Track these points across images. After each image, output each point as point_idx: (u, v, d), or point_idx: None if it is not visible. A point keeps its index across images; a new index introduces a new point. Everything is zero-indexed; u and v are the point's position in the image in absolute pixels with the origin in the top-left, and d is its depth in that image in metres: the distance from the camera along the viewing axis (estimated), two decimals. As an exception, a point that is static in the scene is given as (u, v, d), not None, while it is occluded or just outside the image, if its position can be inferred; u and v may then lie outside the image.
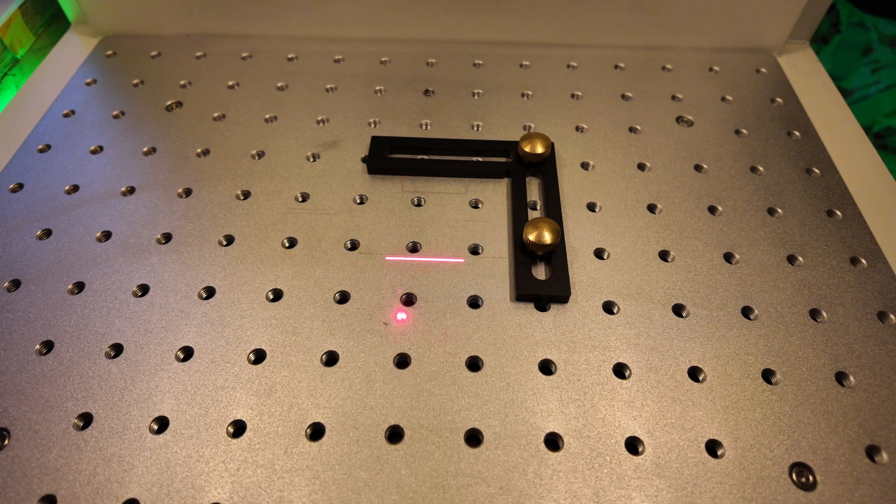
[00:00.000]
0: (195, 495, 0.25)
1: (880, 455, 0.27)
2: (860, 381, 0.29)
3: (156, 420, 0.27)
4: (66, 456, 0.26)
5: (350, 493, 0.25)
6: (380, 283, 0.33)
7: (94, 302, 0.32)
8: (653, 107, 0.44)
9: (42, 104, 0.44)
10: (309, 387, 0.29)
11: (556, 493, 0.25)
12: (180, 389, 0.28)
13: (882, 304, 0.32)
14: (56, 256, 0.34)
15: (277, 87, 0.45)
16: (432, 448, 0.27)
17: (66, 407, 0.28)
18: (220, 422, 0.27)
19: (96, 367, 0.29)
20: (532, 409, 0.28)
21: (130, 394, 0.28)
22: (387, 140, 0.40)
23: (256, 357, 0.30)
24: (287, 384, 0.29)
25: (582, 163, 0.40)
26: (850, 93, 0.63)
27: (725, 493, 0.25)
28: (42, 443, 0.27)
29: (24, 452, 0.26)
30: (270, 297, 0.32)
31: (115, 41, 0.49)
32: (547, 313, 0.32)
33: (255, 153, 0.40)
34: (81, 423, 0.27)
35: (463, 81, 0.46)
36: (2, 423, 0.27)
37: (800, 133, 0.42)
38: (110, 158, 0.40)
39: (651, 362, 0.30)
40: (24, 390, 0.28)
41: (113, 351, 0.30)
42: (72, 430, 0.27)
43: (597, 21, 0.47)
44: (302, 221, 0.36)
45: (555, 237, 0.32)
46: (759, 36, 0.48)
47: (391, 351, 0.30)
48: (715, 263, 0.34)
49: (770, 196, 0.38)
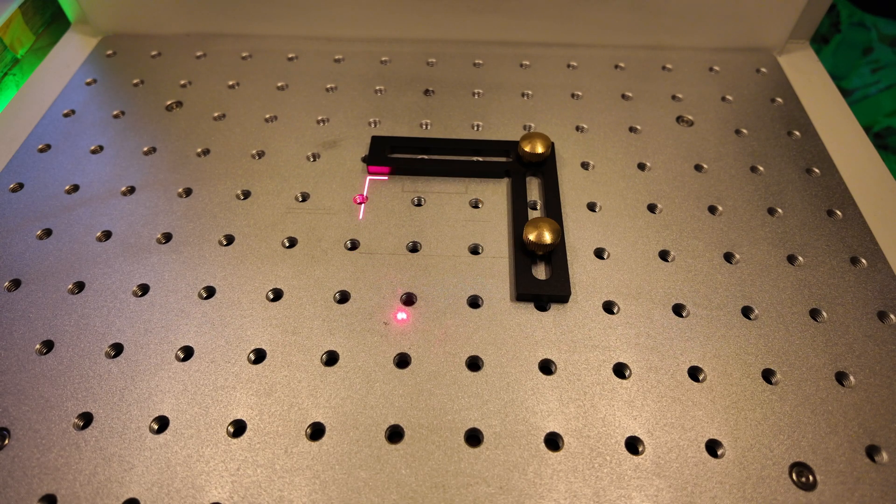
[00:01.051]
0: (195, 495, 0.25)
1: (880, 455, 0.27)
2: (860, 381, 0.29)
3: (156, 420, 0.27)
4: (67, 455, 0.26)
5: (350, 492, 0.25)
6: (380, 283, 0.33)
7: (94, 301, 0.32)
8: (653, 106, 0.44)
9: (42, 104, 0.44)
10: (309, 386, 0.29)
11: (556, 492, 0.25)
12: (180, 389, 0.28)
13: (882, 304, 0.32)
14: (56, 256, 0.34)
15: (278, 86, 0.45)
16: (432, 448, 0.27)
17: (66, 406, 0.28)
18: (220, 421, 0.27)
19: (96, 367, 0.29)
20: (532, 408, 0.28)
21: (131, 393, 0.28)
22: (387, 140, 0.40)
23: (256, 357, 0.30)
24: (287, 384, 0.29)
25: (582, 162, 0.40)
26: (850, 92, 0.63)
27: (725, 493, 0.25)
28: (42, 442, 0.27)
29: (25, 452, 0.26)
30: (270, 296, 0.32)
31: (116, 41, 0.49)
32: (547, 313, 0.32)
33: (256, 153, 0.40)
34: (82, 423, 0.27)
35: (463, 81, 0.46)
36: (2, 422, 0.27)
37: (800, 133, 0.42)
38: (110, 158, 0.40)
39: (651, 362, 0.30)
40: (25, 390, 0.28)
41: (113, 350, 0.30)
42: (72, 430, 0.27)
43: (597, 21, 0.47)
44: (302, 221, 0.36)
45: (555, 237, 0.32)
46: (760, 36, 0.48)
47: (391, 351, 0.30)
48: (715, 263, 0.34)
49: (770, 196, 0.38)
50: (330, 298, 0.32)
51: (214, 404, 0.28)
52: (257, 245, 0.34)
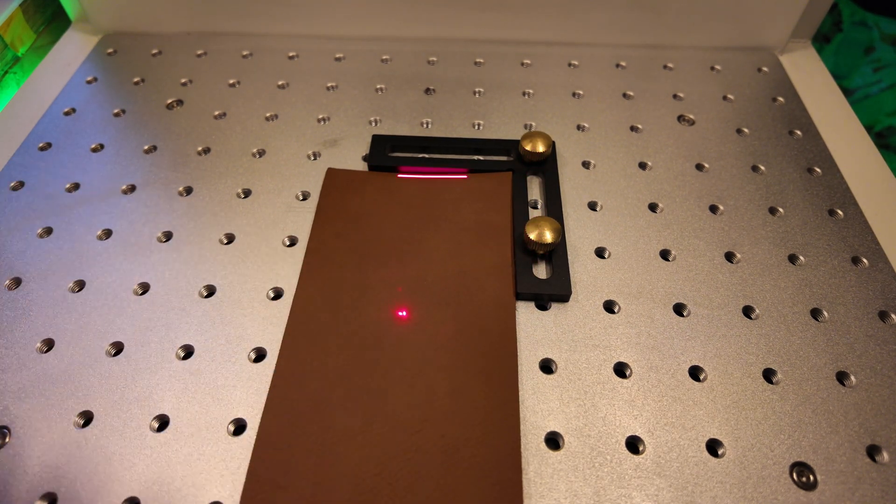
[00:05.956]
0: (196, 493, 0.25)
1: (881, 455, 0.27)
2: (861, 381, 0.29)
3: (156, 418, 0.27)
4: (67, 454, 0.26)
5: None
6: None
7: (94, 300, 0.32)
8: (654, 106, 0.44)
9: (43, 102, 0.44)
10: (309, 385, 0.29)
11: (556, 492, 0.25)
12: (181, 388, 0.28)
13: (883, 304, 0.32)
14: (57, 255, 0.34)
15: (278, 85, 0.45)
16: (433, 447, 0.27)
17: (66, 405, 0.28)
18: (220, 420, 0.27)
19: (97, 366, 0.29)
20: (532, 407, 0.28)
21: (131, 392, 0.28)
22: (388, 139, 0.40)
23: (257, 355, 0.30)
24: (288, 383, 0.29)
25: (583, 161, 0.40)
26: (851, 92, 0.63)
27: (726, 493, 0.25)
28: (43, 441, 0.27)
29: (25, 450, 0.26)
30: (271, 295, 0.32)
31: (116, 39, 0.49)
32: (548, 312, 0.32)
33: (256, 151, 0.40)
34: (82, 422, 0.27)
35: (464, 80, 0.46)
36: (3, 421, 0.27)
37: (801, 132, 0.42)
38: (111, 156, 0.40)
39: (652, 361, 0.30)
40: (25, 388, 0.28)
41: (114, 349, 0.30)
42: (73, 429, 0.27)
43: (598, 20, 0.47)
44: (303, 220, 0.36)
45: (556, 236, 0.32)
46: (761, 35, 0.48)
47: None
48: (716, 263, 0.34)
49: (771, 195, 0.37)
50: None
51: (215, 403, 0.28)
52: (258, 244, 0.34)
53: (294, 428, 0.26)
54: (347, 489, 0.24)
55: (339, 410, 0.27)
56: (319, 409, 0.27)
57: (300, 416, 0.27)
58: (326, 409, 0.27)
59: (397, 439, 0.26)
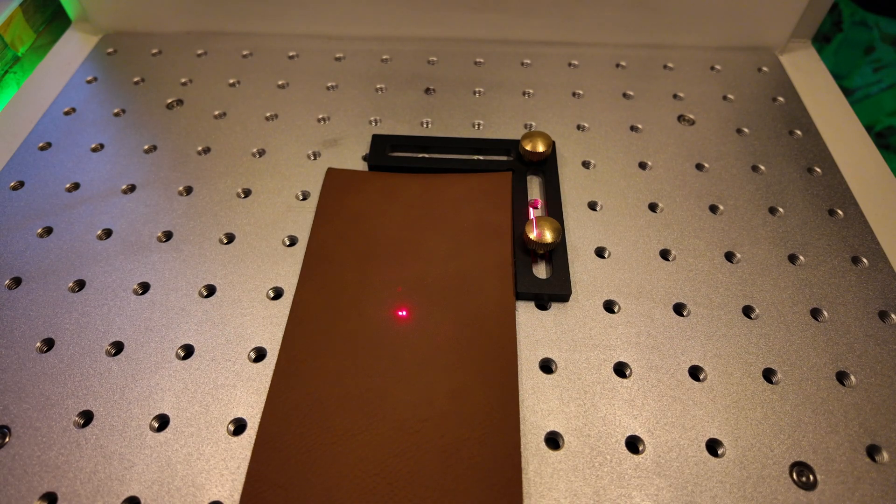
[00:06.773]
0: (196, 493, 0.25)
1: (881, 454, 0.27)
2: (861, 381, 0.29)
3: (156, 418, 0.27)
4: (67, 453, 0.26)
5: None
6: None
7: (94, 300, 0.32)
8: (654, 105, 0.44)
9: (43, 102, 0.44)
10: (309, 385, 0.29)
11: (556, 491, 0.25)
12: (181, 387, 0.28)
13: (883, 304, 0.32)
14: (57, 254, 0.34)
15: (278, 84, 0.45)
16: (433, 446, 0.27)
17: (66, 404, 0.28)
18: (220, 420, 0.27)
19: (97, 365, 0.29)
20: (532, 407, 0.28)
21: (131, 391, 0.28)
22: (388, 138, 0.40)
23: (257, 355, 0.30)
24: (287, 382, 0.29)
25: (583, 161, 0.40)
26: (851, 92, 0.63)
27: (726, 493, 0.25)
28: (43, 440, 0.27)
29: (25, 450, 0.26)
30: (271, 295, 0.32)
31: (116, 39, 0.49)
32: (548, 312, 0.32)
33: (256, 151, 0.40)
34: (82, 421, 0.27)
35: (464, 80, 0.46)
36: (3, 420, 0.27)
37: (801, 132, 0.42)
38: (111, 156, 0.40)
39: (652, 361, 0.30)
40: (25, 388, 0.28)
41: (113, 349, 0.30)
42: (72, 428, 0.27)
43: (598, 19, 0.47)
44: (303, 220, 0.36)
45: (556, 236, 0.32)
46: (761, 35, 0.48)
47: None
48: (716, 262, 0.34)
49: (771, 195, 0.37)
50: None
51: (215, 402, 0.28)
52: (258, 243, 0.34)
53: (294, 428, 0.26)
54: (347, 489, 0.24)
55: (338, 410, 0.27)
56: (319, 409, 0.27)
57: (300, 416, 0.27)
58: (326, 409, 0.27)
59: (397, 439, 0.26)
